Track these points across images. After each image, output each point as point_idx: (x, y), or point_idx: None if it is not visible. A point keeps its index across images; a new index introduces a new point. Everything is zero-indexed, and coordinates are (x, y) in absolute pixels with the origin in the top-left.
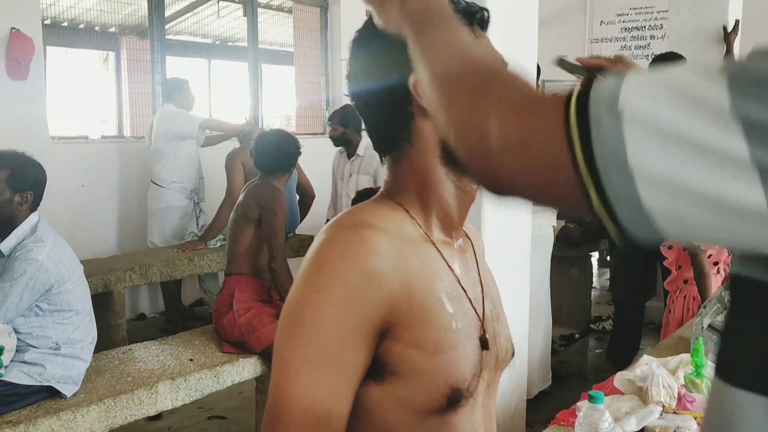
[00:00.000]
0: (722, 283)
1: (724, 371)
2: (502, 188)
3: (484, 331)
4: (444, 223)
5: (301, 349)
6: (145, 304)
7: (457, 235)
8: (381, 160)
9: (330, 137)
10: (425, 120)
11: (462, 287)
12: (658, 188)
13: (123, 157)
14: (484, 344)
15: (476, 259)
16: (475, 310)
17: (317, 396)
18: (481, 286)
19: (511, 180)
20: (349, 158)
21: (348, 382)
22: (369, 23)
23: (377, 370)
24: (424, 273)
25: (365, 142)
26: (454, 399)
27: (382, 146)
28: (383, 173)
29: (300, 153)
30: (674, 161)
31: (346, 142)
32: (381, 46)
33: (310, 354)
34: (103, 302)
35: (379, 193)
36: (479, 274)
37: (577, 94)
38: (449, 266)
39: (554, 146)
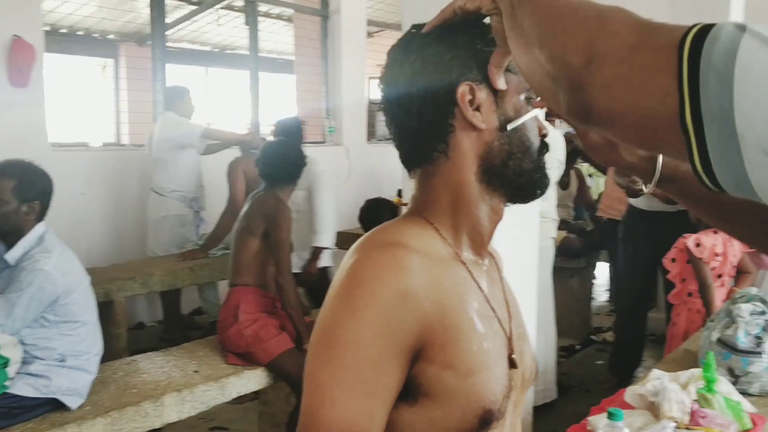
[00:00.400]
0: (727, 296)
1: None
2: (597, 121)
3: (512, 351)
4: (474, 242)
5: (336, 372)
6: (143, 312)
7: (485, 255)
8: (409, 173)
9: None
10: (465, 134)
11: (491, 307)
12: (761, 157)
13: (123, 165)
14: (512, 364)
15: (501, 278)
16: (504, 330)
17: (352, 419)
18: (507, 306)
19: (610, 115)
20: None
21: (382, 405)
22: (417, 30)
23: (410, 392)
24: (455, 293)
25: None
26: (486, 420)
27: (414, 157)
28: (318, 188)
29: (306, 164)
30: None
31: None
32: (431, 54)
33: (345, 377)
34: (103, 311)
35: (407, 210)
36: (504, 293)
37: (693, 36)
38: (478, 286)
39: (662, 90)
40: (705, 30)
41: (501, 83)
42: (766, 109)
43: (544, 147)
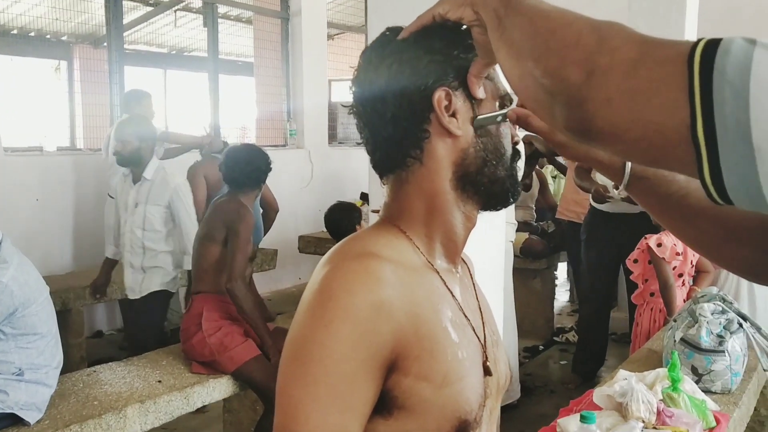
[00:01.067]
0: (688, 296)
1: None
2: (597, 137)
3: (486, 358)
4: (447, 249)
5: (310, 388)
6: (102, 321)
7: (458, 262)
8: (381, 179)
9: (116, 153)
10: (441, 140)
11: (465, 315)
12: None
13: (79, 169)
14: (486, 371)
15: (473, 285)
16: (478, 338)
17: None
18: (480, 312)
19: (612, 129)
20: (135, 182)
21: (357, 420)
22: (392, 33)
23: (385, 405)
24: (429, 302)
25: (154, 164)
26: (462, 430)
27: (388, 163)
28: (178, 206)
29: (270, 168)
30: None
31: (136, 161)
32: (408, 58)
33: (319, 392)
34: (61, 321)
35: (379, 218)
36: (477, 299)
37: (702, 50)
38: (452, 294)
39: (671, 104)
40: (712, 44)
41: (480, 92)
42: None
43: (516, 154)
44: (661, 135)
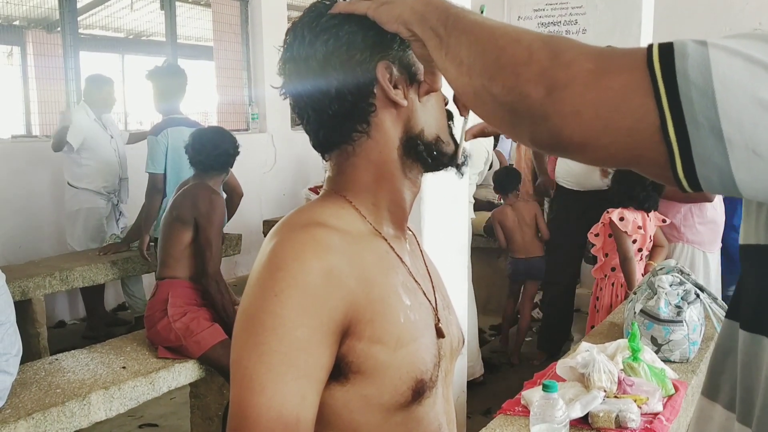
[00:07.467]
0: (645, 270)
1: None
2: (567, 148)
3: (438, 320)
4: (395, 216)
5: (264, 357)
6: (64, 310)
7: (406, 229)
8: (324, 156)
9: None
10: (387, 112)
11: (415, 280)
12: (749, 157)
13: (35, 157)
14: (439, 333)
15: (421, 251)
16: (429, 301)
17: (284, 404)
18: (430, 277)
19: (582, 140)
20: None
21: (313, 386)
22: (319, 8)
23: (341, 371)
24: (379, 268)
25: None
26: (419, 391)
27: (334, 139)
28: None
29: (238, 152)
30: None
31: None
32: (345, 33)
33: (273, 361)
34: (20, 311)
35: (324, 190)
36: (426, 265)
37: (658, 56)
38: (401, 259)
39: (640, 110)
40: (666, 49)
41: (437, 83)
42: (750, 113)
43: (450, 115)
44: (632, 138)
